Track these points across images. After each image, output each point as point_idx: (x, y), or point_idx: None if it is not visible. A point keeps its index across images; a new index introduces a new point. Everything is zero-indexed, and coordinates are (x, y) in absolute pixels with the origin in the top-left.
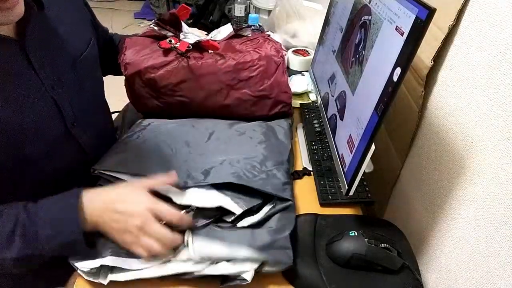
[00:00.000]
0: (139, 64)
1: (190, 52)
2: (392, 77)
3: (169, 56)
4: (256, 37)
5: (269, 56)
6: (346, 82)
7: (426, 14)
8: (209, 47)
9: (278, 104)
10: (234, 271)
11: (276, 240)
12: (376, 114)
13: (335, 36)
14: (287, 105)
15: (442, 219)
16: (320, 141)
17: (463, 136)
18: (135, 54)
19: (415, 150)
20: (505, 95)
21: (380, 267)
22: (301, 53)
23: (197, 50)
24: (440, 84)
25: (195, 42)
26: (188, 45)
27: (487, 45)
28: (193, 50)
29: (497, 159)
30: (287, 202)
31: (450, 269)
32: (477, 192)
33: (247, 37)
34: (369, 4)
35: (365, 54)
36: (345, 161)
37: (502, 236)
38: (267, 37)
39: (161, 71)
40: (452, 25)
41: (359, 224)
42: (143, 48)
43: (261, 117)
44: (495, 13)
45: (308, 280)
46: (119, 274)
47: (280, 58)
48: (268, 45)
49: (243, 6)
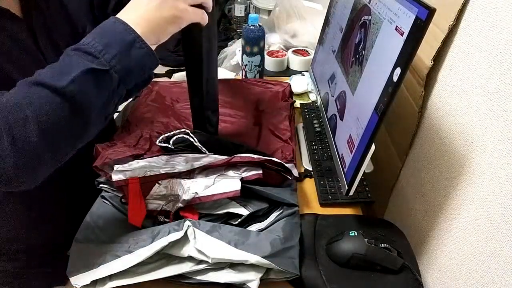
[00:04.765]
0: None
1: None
2: (392, 77)
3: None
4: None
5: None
6: (346, 82)
7: (426, 14)
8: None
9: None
10: (238, 280)
11: (284, 248)
12: (376, 114)
13: (335, 36)
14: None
15: (442, 219)
16: (320, 141)
17: (463, 136)
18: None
19: (415, 150)
20: (505, 95)
21: (380, 267)
22: (301, 53)
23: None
24: (440, 84)
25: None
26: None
27: (487, 45)
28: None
29: (497, 159)
30: (294, 207)
31: (450, 269)
32: (477, 192)
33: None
34: (369, 4)
35: (365, 54)
36: (345, 161)
37: (502, 236)
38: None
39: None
40: (452, 25)
41: (359, 224)
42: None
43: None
44: (495, 13)
45: (308, 280)
46: (120, 280)
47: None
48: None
49: (243, 6)
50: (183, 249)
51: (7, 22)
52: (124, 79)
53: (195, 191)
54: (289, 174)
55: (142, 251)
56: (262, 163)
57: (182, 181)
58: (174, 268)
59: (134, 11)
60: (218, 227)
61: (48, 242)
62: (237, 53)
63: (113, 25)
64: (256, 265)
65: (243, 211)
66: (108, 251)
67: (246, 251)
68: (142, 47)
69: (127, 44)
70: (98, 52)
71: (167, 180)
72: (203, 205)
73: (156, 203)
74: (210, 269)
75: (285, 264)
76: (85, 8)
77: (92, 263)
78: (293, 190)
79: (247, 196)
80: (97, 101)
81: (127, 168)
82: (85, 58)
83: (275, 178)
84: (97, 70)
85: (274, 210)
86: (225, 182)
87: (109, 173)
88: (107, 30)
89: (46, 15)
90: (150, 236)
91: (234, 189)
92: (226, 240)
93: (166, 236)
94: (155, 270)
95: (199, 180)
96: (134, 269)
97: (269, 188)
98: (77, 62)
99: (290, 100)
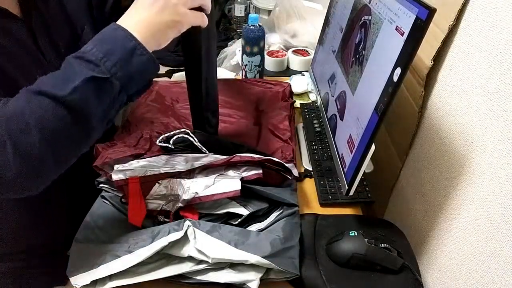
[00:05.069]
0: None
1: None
2: (392, 77)
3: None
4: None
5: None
6: (346, 82)
7: (426, 14)
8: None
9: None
10: (238, 280)
11: (284, 248)
12: (376, 114)
13: (335, 36)
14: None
15: (442, 219)
16: (320, 141)
17: (463, 136)
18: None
19: (415, 150)
20: (505, 95)
21: (380, 267)
22: (301, 53)
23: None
24: (440, 84)
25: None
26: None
27: (487, 45)
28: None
29: (497, 159)
30: (294, 207)
31: (450, 269)
32: (477, 192)
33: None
34: (369, 4)
35: (365, 54)
36: (345, 161)
37: (502, 236)
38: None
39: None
40: (452, 25)
41: (359, 224)
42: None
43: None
44: (495, 13)
45: (308, 280)
46: (120, 280)
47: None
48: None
49: (243, 6)
50: (183, 249)
51: (6, 22)
52: (125, 86)
53: (195, 191)
54: (289, 174)
55: (142, 251)
56: (262, 162)
57: (182, 181)
58: (174, 268)
59: (135, 16)
60: (218, 227)
61: (48, 242)
62: (237, 53)
63: (114, 32)
64: (256, 265)
65: (243, 211)
66: (108, 251)
67: (246, 251)
68: (143, 53)
69: (128, 51)
70: (99, 60)
71: (167, 180)
72: (203, 205)
73: (156, 203)
74: (210, 269)
75: (285, 264)
76: (83, 8)
77: (92, 263)
78: (293, 190)
79: (247, 196)
80: (98, 108)
81: (127, 167)
82: (86, 66)
83: (275, 178)
84: (98, 78)
85: (274, 210)
86: (225, 182)
87: (109, 172)
88: (107, 37)
89: (45, 15)
90: (150, 236)
91: (234, 189)
92: (226, 240)
93: (166, 236)
94: (155, 270)
95: (199, 180)
96: (134, 269)
97: (269, 188)
98: (78, 71)
99: (290, 100)
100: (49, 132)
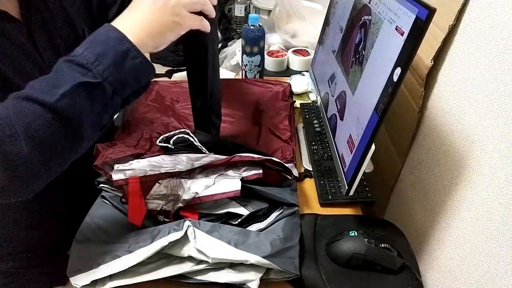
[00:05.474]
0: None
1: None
2: (392, 77)
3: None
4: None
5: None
6: (346, 82)
7: (426, 14)
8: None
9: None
10: (238, 280)
11: (284, 248)
12: (376, 114)
13: (335, 36)
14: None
15: (442, 219)
16: (320, 141)
17: (463, 136)
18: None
19: (415, 150)
20: (505, 95)
21: (380, 267)
22: (301, 53)
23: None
24: (440, 84)
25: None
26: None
27: (487, 45)
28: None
29: (497, 159)
30: (294, 207)
31: (450, 269)
32: (477, 192)
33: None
34: (369, 4)
35: (365, 54)
36: (345, 161)
37: (502, 236)
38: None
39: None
40: (452, 25)
41: (359, 224)
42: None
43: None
44: (495, 13)
45: (308, 280)
46: (120, 280)
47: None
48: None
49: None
50: (183, 249)
51: (5, 24)
52: (118, 91)
53: (195, 191)
54: (289, 174)
55: (142, 251)
56: (262, 162)
57: (183, 181)
58: (174, 268)
59: (131, 17)
60: (218, 227)
61: (48, 242)
62: (237, 53)
63: (107, 33)
64: (256, 265)
65: (243, 211)
66: (108, 251)
67: (246, 251)
68: (137, 56)
69: (121, 54)
70: (90, 64)
71: (167, 179)
72: (203, 205)
73: (156, 203)
74: (210, 269)
75: (285, 264)
76: (84, 10)
77: (92, 263)
78: (293, 190)
79: (247, 196)
80: (90, 114)
81: (127, 167)
82: (76, 70)
83: (275, 178)
84: (89, 83)
85: (274, 210)
86: (225, 182)
87: (109, 172)
88: (99, 39)
89: (46, 17)
90: (150, 236)
91: (235, 189)
92: (226, 240)
93: (166, 236)
94: (155, 270)
95: (200, 180)
96: (134, 269)
97: (269, 188)
98: (68, 75)
99: (290, 100)
100: (37, 139)
